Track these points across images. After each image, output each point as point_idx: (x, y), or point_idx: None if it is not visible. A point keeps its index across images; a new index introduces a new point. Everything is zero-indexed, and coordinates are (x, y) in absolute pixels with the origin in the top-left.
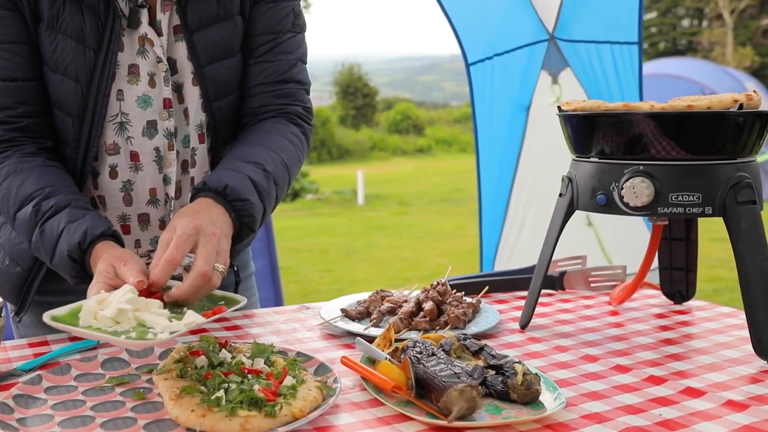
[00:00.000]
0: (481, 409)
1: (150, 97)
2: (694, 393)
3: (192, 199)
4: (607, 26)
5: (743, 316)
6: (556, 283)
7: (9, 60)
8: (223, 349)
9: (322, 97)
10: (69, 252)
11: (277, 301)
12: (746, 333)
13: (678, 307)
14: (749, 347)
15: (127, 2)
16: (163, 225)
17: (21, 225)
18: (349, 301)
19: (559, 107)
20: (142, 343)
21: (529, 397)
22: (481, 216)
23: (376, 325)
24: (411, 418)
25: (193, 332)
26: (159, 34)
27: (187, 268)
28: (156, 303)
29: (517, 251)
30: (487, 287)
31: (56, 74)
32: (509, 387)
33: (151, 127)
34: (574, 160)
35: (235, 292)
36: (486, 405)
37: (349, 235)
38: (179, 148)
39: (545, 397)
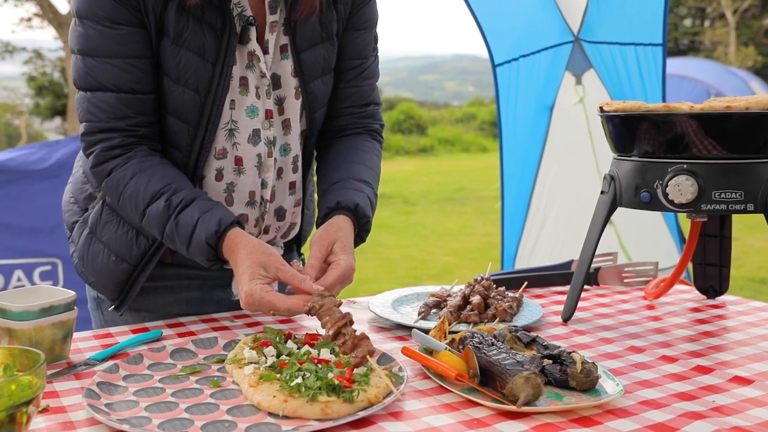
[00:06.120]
0: (543, 396)
1: (256, 107)
2: (742, 381)
3: (327, 215)
4: (631, 28)
5: None
6: (591, 278)
7: (132, 73)
8: (289, 340)
9: None
10: (207, 239)
11: None
12: None
13: (712, 302)
14: None
15: (239, 20)
16: (257, 224)
17: (153, 219)
18: (395, 295)
19: (600, 107)
20: None
21: (588, 385)
22: (503, 214)
23: (424, 318)
24: (478, 404)
25: (249, 324)
26: (265, 51)
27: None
28: None
29: (538, 249)
30: (526, 282)
31: (177, 85)
32: (568, 375)
33: (255, 135)
34: (615, 158)
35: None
36: (546, 392)
37: None
38: (277, 155)
39: (601, 384)
